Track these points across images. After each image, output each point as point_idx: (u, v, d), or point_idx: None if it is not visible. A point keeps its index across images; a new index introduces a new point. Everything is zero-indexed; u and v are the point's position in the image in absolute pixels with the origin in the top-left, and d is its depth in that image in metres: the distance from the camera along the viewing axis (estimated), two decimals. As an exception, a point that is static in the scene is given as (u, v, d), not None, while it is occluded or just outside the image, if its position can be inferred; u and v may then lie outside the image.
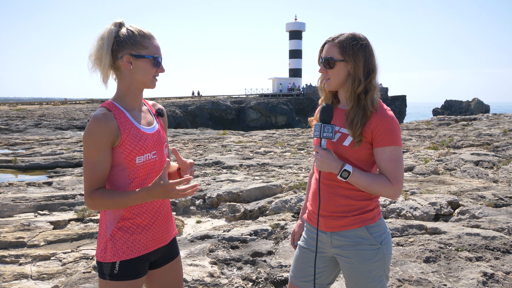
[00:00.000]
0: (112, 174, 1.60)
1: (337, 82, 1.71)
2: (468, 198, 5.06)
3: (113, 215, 1.63)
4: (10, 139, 16.07)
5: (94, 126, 1.52)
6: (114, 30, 1.58)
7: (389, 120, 1.64)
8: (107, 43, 1.56)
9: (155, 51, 1.62)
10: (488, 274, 2.99)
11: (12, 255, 4.09)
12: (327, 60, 1.69)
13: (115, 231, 1.62)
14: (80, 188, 6.90)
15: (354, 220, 1.70)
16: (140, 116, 1.67)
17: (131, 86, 1.63)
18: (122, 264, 1.60)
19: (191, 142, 13.52)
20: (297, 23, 60.73)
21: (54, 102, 44.17)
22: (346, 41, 1.66)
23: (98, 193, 1.54)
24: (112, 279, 1.60)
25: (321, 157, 1.63)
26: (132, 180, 1.61)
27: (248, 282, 3.18)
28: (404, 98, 55.24)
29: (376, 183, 1.62)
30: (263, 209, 5.28)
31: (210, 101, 41.54)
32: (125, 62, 1.58)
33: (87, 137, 1.52)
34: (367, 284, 1.70)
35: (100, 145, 1.52)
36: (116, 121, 1.56)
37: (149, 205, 1.67)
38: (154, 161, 1.66)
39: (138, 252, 1.64)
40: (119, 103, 1.62)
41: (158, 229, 1.71)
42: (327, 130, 1.63)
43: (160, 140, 1.71)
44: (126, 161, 1.58)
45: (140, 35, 1.60)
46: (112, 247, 1.60)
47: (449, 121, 16.42)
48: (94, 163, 1.53)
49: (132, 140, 1.58)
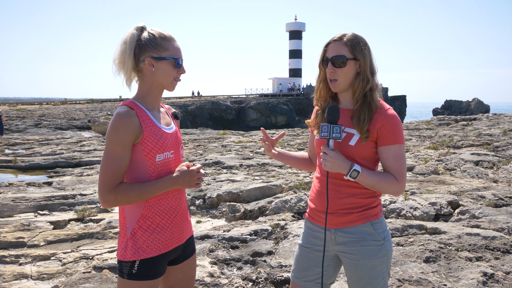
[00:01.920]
0: (132, 170, 1.63)
1: (346, 82, 1.70)
2: (468, 198, 5.06)
3: (133, 214, 1.66)
4: (10, 139, 16.07)
5: (119, 122, 1.56)
6: (136, 34, 1.63)
7: (394, 119, 1.67)
8: (130, 47, 1.61)
9: (176, 52, 1.67)
10: (488, 274, 2.99)
11: (12, 255, 4.08)
12: (339, 58, 1.66)
13: (135, 229, 1.65)
14: (80, 188, 6.90)
15: (359, 216, 1.72)
16: (159, 116, 1.74)
17: (152, 87, 1.69)
18: (142, 264, 1.63)
19: (191, 142, 13.52)
20: (297, 23, 60.75)
21: (54, 102, 44.17)
22: (354, 40, 1.68)
23: (123, 187, 1.58)
24: (130, 278, 1.63)
25: (331, 158, 1.62)
26: (151, 177, 1.65)
27: (248, 282, 3.18)
28: (404, 98, 55.25)
29: (383, 181, 1.65)
30: (263, 209, 5.28)
31: (210, 101, 41.55)
32: (147, 65, 1.63)
33: (112, 132, 1.56)
34: (371, 280, 1.71)
35: (125, 140, 1.56)
36: (139, 119, 1.60)
37: (168, 204, 1.71)
38: (172, 160, 1.72)
39: (158, 251, 1.67)
40: (140, 103, 1.67)
41: (176, 228, 1.74)
42: (335, 130, 1.63)
43: (177, 140, 1.77)
44: (146, 158, 1.62)
45: (161, 38, 1.65)
46: (132, 245, 1.63)
47: (449, 121, 16.43)
48: (118, 157, 1.57)
49: (153, 138, 1.63)
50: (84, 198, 6.18)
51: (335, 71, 1.68)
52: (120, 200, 1.58)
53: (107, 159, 1.57)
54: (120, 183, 1.59)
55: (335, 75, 1.69)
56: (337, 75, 1.69)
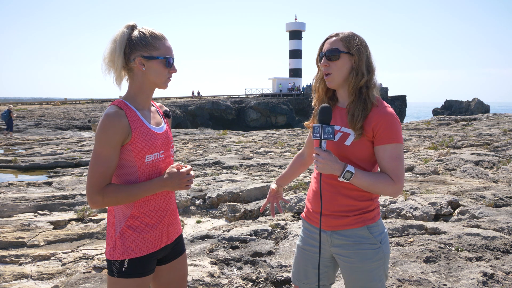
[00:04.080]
0: (121, 171, 1.62)
1: (341, 76, 1.69)
2: (468, 198, 5.06)
3: (122, 214, 1.65)
4: (10, 139, 16.07)
5: (108, 123, 1.54)
6: (127, 32, 1.61)
7: (390, 117, 1.63)
8: (120, 46, 1.59)
9: (167, 52, 1.65)
10: (488, 274, 2.99)
11: (12, 255, 4.09)
12: (332, 51, 1.67)
13: (124, 229, 1.64)
14: (80, 188, 6.90)
15: (355, 219, 1.70)
16: (149, 115, 1.71)
17: (143, 87, 1.67)
18: (131, 262, 1.63)
19: (191, 142, 13.52)
20: (297, 23, 60.74)
21: (54, 102, 44.17)
22: (349, 36, 1.69)
23: (111, 188, 1.57)
24: (120, 277, 1.63)
25: (322, 159, 1.59)
26: (140, 178, 1.64)
27: (248, 282, 3.18)
28: (404, 98, 55.23)
29: (378, 182, 1.61)
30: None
31: (210, 101, 41.55)
32: (137, 64, 1.62)
33: (100, 133, 1.55)
34: (367, 283, 1.70)
35: (114, 141, 1.55)
36: (128, 119, 1.58)
37: (157, 204, 1.70)
38: (161, 161, 1.70)
39: (146, 250, 1.67)
40: (130, 102, 1.65)
41: (165, 228, 1.74)
42: (327, 131, 1.60)
43: (168, 140, 1.75)
44: (136, 159, 1.61)
45: (152, 37, 1.63)
46: (121, 245, 1.63)
47: (449, 121, 16.43)
48: (107, 158, 1.55)
49: (143, 138, 1.61)
50: (84, 198, 6.18)
51: (329, 64, 1.69)
52: (107, 201, 1.57)
53: (95, 160, 1.56)
54: (108, 184, 1.58)
55: (329, 68, 1.69)
56: (331, 69, 1.69)
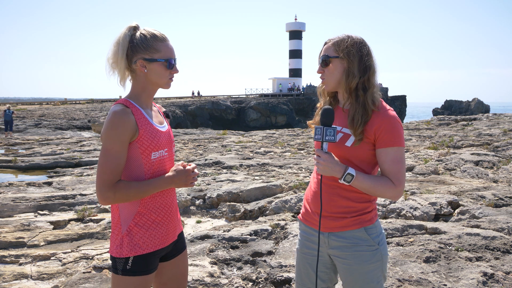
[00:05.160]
0: (128, 168, 1.65)
1: (334, 80, 1.72)
2: (468, 198, 5.06)
3: (128, 211, 1.67)
4: (10, 139, 16.08)
5: (116, 120, 1.57)
6: (128, 34, 1.64)
7: (392, 120, 1.64)
8: (122, 49, 1.62)
9: (168, 53, 1.67)
10: (488, 274, 2.99)
11: (12, 255, 4.08)
12: (323, 57, 1.72)
13: (131, 226, 1.66)
14: (80, 188, 6.90)
15: (353, 221, 1.70)
16: (152, 114, 1.75)
17: (146, 87, 1.70)
18: (136, 260, 1.65)
19: (191, 142, 13.52)
20: (297, 23, 60.74)
21: (54, 102, 44.19)
22: (340, 40, 1.71)
23: (121, 184, 1.59)
24: (124, 274, 1.65)
25: (324, 161, 1.60)
26: (146, 175, 1.67)
27: (248, 282, 3.18)
28: (404, 98, 55.25)
29: (379, 185, 1.62)
30: (263, 209, 5.28)
31: (210, 101, 41.55)
32: (139, 66, 1.64)
33: (110, 130, 1.56)
34: (365, 285, 1.70)
35: (123, 137, 1.58)
36: (134, 117, 1.61)
37: (162, 201, 1.73)
38: (166, 158, 1.73)
39: (153, 247, 1.69)
40: (134, 101, 1.68)
41: (170, 224, 1.77)
42: (329, 133, 1.60)
43: (170, 138, 1.79)
44: (142, 156, 1.63)
45: (153, 39, 1.64)
46: (129, 242, 1.65)
47: (449, 121, 16.42)
48: (117, 155, 1.58)
49: (149, 136, 1.64)
50: (84, 198, 6.18)
51: (323, 70, 1.75)
52: (119, 197, 1.59)
53: (106, 157, 1.57)
54: (118, 180, 1.60)
55: (323, 74, 1.76)
56: (324, 74, 1.75)
